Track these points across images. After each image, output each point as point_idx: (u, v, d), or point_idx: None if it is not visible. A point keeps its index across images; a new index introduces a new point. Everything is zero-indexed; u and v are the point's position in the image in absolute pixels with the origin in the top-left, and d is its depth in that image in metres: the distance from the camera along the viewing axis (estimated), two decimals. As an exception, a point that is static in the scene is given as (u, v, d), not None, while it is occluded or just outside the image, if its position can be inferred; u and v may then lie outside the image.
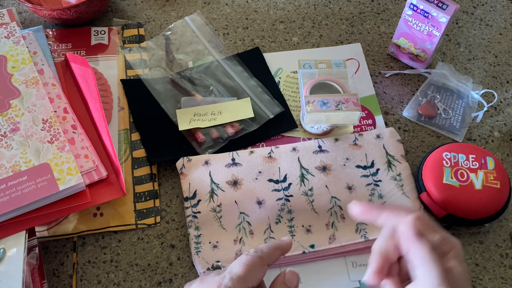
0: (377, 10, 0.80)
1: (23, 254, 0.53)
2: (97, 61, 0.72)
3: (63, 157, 0.57)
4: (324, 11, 0.80)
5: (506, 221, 0.62)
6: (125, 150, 0.65)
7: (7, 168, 0.55)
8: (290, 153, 0.63)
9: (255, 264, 0.44)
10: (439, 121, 0.69)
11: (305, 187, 0.60)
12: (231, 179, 0.61)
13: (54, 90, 0.63)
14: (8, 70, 0.62)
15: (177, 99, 0.68)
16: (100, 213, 0.60)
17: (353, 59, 0.74)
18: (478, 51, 0.76)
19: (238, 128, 0.66)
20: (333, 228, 0.59)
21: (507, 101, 0.72)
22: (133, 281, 0.57)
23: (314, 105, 0.61)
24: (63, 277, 0.57)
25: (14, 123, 0.59)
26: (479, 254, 0.60)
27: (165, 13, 0.79)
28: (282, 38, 0.77)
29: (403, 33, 0.70)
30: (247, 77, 0.71)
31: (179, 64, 0.72)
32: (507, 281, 0.58)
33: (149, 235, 0.60)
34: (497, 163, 0.60)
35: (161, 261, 0.59)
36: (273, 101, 0.69)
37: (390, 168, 0.62)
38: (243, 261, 0.45)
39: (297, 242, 0.58)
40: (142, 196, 0.62)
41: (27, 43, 0.66)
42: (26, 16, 0.78)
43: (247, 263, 0.44)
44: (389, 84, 0.73)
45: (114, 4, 0.79)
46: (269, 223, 0.59)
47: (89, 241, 0.60)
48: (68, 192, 0.56)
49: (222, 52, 0.74)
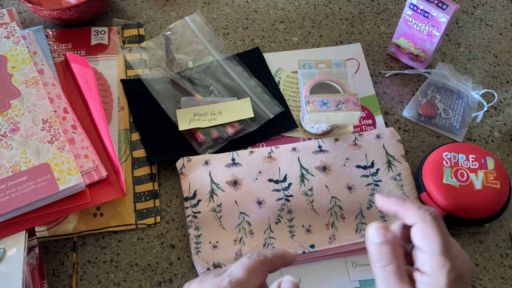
0: (377, 10, 0.80)
1: (23, 254, 0.53)
2: (97, 61, 0.72)
3: (63, 157, 0.57)
4: (324, 11, 0.80)
5: (506, 221, 0.62)
6: (125, 150, 0.65)
7: (7, 168, 0.55)
8: (290, 153, 0.63)
9: (256, 269, 0.44)
10: (439, 121, 0.69)
11: (305, 187, 0.60)
12: (231, 179, 0.61)
13: (54, 90, 0.63)
14: (8, 70, 0.62)
15: (177, 99, 0.68)
16: (100, 213, 0.60)
17: (353, 59, 0.74)
18: (478, 51, 0.76)
19: (238, 128, 0.66)
20: (333, 228, 0.59)
21: (507, 101, 0.72)
22: (133, 281, 0.57)
23: (314, 105, 0.61)
24: (63, 277, 0.57)
25: (14, 123, 0.59)
26: (479, 254, 0.60)
27: (165, 13, 0.79)
28: (282, 38, 0.77)
29: (403, 33, 0.70)
30: (247, 77, 0.71)
31: (179, 64, 0.72)
32: (507, 281, 0.58)
33: (149, 235, 0.60)
34: (497, 163, 0.60)
35: (161, 261, 0.59)
36: (273, 101, 0.69)
37: (390, 168, 0.62)
38: (244, 264, 0.44)
39: (297, 242, 0.58)
40: (142, 196, 0.62)
41: (27, 43, 0.66)
42: (26, 16, 0.78)
43: (248, 267, 0.44)
44: (389, 84, 0.73)
45: (114, 4, 0.79)
46: (269, 223, 0.59)
47: (89, 241, 0.60)
48: (68, 192, 0.56)
49: (222, 52, 0.74)
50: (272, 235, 0.58)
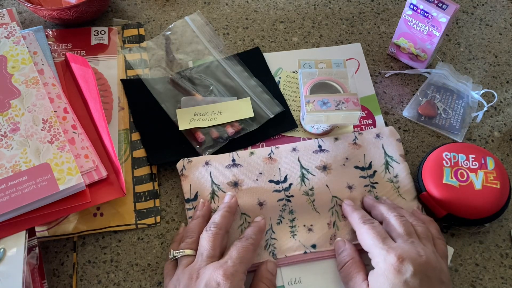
0: (377, 10, 0.80)
1: (23, 254, 0.52)
2: (97, 61, 0.72)
3: (63, 157, 0.57)
4: (324, 11, 0.80)
5: (506, 221, 0.62)
6: (125, 150, 0.65)
7: (7, 168, 0.55)
8: (290, 153, 0.63)
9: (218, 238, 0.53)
10: (439, 121, 0.69)
11: (306, 187, 0.60)
12: (231, 180, 0.61)
13: (54, 90, 0.63)
14: (8, 70, 0.62)
15: (177, 99, 0.68)
16: (100, 213, 0.60)
17: (353, 59, 0.74)
18: (478, 51, 0.76)
19: (238, 128, 0.66)
20: (334, 227, 0.59)
21: (507, 101, 0.72)
22: (133, 281, 0.57)
23: (314, 105, 0.61)
24: (63, 277, 0.57)
25: (14, 123, 0.59)
26: (479, 254, 0.60)
27: (165, 13, 0.79)
28: (282, 38, 0.77)
29: (403, 33, 0.70)
30: (247, 77, 0.71)
31: (179, 64, 0.72)
32: (507, 281, 0.58)
33: (149, 235, 0.60)
34: (497, 163, 0.60)
35: (161, 261, 0.59)
36: (273, 101, 0.69)
37: (387, 169, 0.62)
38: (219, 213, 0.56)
39: (298, 242, 0.58)
40: (142, 196, 0.62)
41: (27, 43, 0.66)
42: (26, 16, 0.78)
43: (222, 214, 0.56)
44: (389, 84, 0.73)
45: (114, 4, 0.79)
46: (271, 224, 0.59)
47: (89, 241, 0.60)
48: (68, 192, 0.56)
49: (222, 52, 0.74)
50: (273, 236, 0.58)
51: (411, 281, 0.46)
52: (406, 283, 0.46)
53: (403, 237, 0.51)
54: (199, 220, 0.56)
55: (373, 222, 0.54)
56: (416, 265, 0.47)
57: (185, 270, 0.51)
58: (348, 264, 0.53)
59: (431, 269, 0.48)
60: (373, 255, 0.51)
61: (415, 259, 0.48)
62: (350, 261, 0.54)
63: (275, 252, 0.57)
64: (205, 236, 0.52)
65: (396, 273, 0.47)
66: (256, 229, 0.56)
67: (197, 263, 0.51)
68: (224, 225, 0.54)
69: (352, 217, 0.56)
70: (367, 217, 0.55)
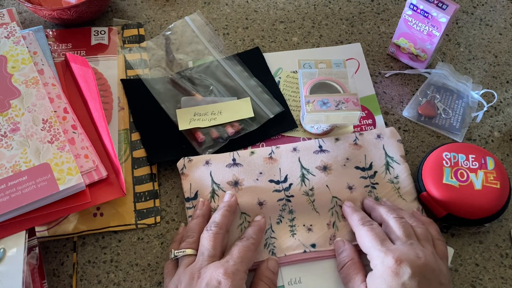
0: (377, 10, 0.80)
1: (23, 254, 0.52)
2: (97, 61, 0.72)
3: (63, 157, 0.57)
4: (324, 11, 0.80)
5: (506, 221, 0.62)
6: (125, 150, 0.65)
7: (7, 168, 0.55)
8: (290, 154, 0.63)
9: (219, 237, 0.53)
10: (439, 121, 0.69)
11: (306, 187, 0.60)
12: (231, 180, 0.61)
13: (54, 90, 0.63)
14: (8, 70, 0.62)
15: (177, 99, 0.68)
16: (100, 213, 0.60)
17: (353, 59, 0.74)
18: (478, 51, 0.76)
19: (238, 128, 0.66)
20: (334, 227, 0.59)
21: (507, 101, 0.72)
22: (133, 281, 0.57)
23: (314, 105, 0.61)
24: (63, 277, 0.57)
25: (14, 123, 0.59)
26: (479, 254, 0.60)
27: (165, 13, 0.79)
28: (282, 38, 0.77)
29: (403, 33, 0.70)
30: (247, 77, 0.71)
31: (179, 64, 0.72)
32: (507, 281, 0.58)
33: (149, 235, 0.60)
34: (497, 163, 0.60)
35: (161, 261, 0.59)
36: (273, 101, 0.69)
37: (388, 170, 0.62)
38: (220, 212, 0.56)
39: (298, 240, 0.58)
40: (142, 196, 0.62)
41: (27, 43, 0.66)
42: (26, 16, 0.78)
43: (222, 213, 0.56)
44: (389, 84, 0.73)
45: (114, 4, 0.79)
46: (270, 223, 0.59)
47: (89, 241, 0.60)
48: (68, 192, 0.56)
49: (222, 52, 0.74)
50: (273, 235, 0.58)
51: (409, 284, 0.46)
52: (404, 285, 0.46)
53: (402, 239, 0.51)
54: (199, 219, 0.56)
55: (372, 223, 0.54)
56: (414, 267, 0.47)
57: (186, 269, 0.51)
58: (348, 265, 0.54)
59: (430, 271, 0.48)
60: (372, 257, 0.50)
61: (413, 261, 0.47)
62: (350, 262, 0.54)
63: (275, 251, 0.57)
64: (206, 236, 0.52)
65: (394, 276, 0.47)
66: (257, 229, 0.56)
67: (198, 262, 0.51)
68: (224, 225, 0.54)
69: (351, 218, 0.56)
70: (366, 218, 0.55)
